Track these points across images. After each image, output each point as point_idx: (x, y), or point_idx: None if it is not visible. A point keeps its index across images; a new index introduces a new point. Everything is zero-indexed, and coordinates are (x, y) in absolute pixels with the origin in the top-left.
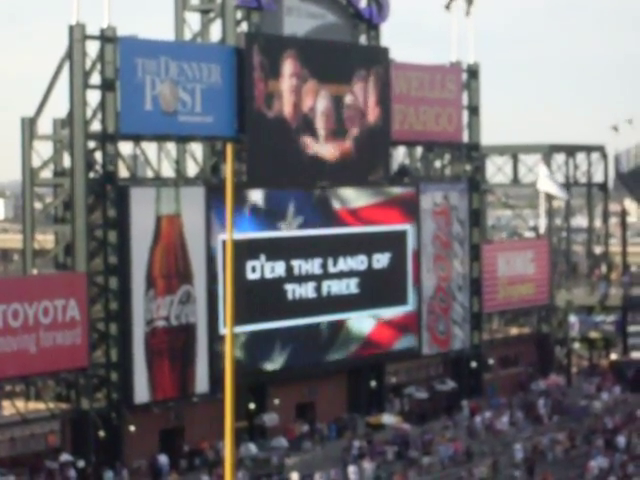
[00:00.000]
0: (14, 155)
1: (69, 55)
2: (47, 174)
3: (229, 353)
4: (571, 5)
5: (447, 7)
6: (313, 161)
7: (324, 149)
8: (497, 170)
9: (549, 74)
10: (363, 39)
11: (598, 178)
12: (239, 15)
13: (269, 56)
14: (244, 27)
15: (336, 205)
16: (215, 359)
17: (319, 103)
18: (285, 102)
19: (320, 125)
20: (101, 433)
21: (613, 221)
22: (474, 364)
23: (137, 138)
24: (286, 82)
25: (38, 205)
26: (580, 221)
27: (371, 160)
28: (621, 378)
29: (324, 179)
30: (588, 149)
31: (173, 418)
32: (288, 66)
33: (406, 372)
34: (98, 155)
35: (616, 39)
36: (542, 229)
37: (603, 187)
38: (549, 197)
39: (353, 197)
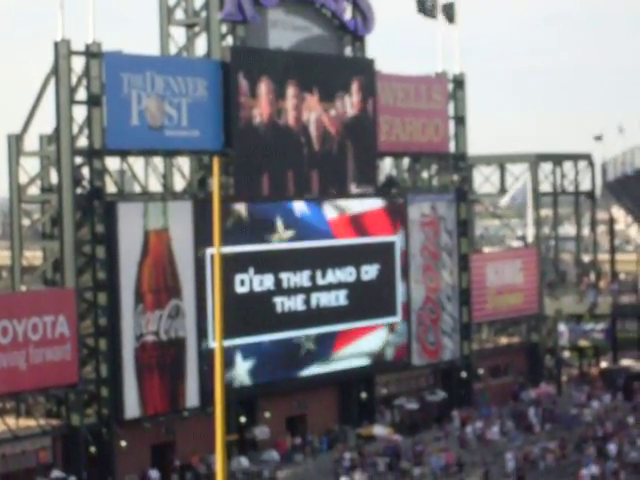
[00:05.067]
0: (1, 172)
1: (54, 71)
2: (34, 190)
3: (219, 367)
4: (556, 15)
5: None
6: (301, 174)
7: (312, 161)
8: (484, 180)
9: (535, 84)
10: (348, 51)
11: (585, 186)
12: (224, 29)
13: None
14: (229, 41)
15: (323, 216)
16: (205, 373)
17: (312, 115)
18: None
19: (312, 136)
20: (92, 449)
21: (601, 229)
22: (464, 374)
23: (124, 153)
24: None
25: (26, 221)
26: (568, 230)
27: (358, 171)
28: (611, 386)
29: (312, 191)
30: (575, 158)
31: (164, 433)
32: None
33: (396, 383)
34: (85, 171)
35: (602, 48)
36: (530, 238)
37: (590, 195)
38: (536, 206)
39: (340, 208)
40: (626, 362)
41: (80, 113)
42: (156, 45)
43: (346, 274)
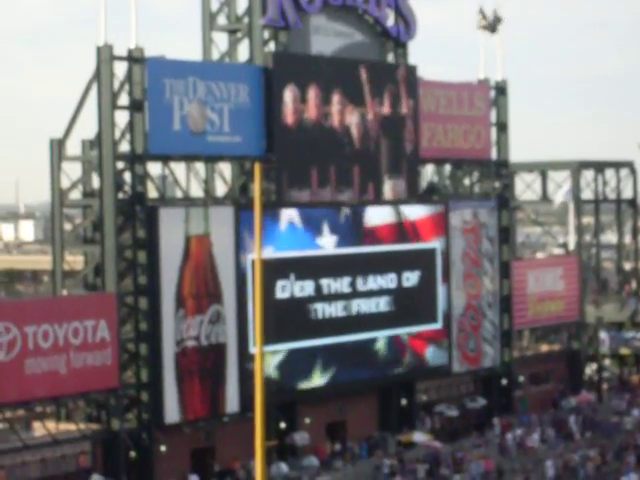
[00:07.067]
0: (43, 177)
1: (97, 76)
2: (76, 195)
3: (259, 372)
4: (599, 22)
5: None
6: (343, 178)
7: (353, 157)
8: (526, 187)
9: (578, 90)
10: (391, 57)
11: (627, 194)
12: (266, 35)
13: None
14: (271, 46)
15: (365, 223)
16: (245, 378)
17: (353, 121)
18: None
19: (353, 137)
20: (132, 453)
21: None
22: (504, 381)
23: (166, 158)
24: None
25: (67, 226)
26: (610, 237)
27: (400, 178)
28: None
29: (353, 183)
30: (617, 165)
31: (204, 438)
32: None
33: (436, 390)
34: (127, 176)
35: None
36: (571, 246)
37: (632, 203)
38: (577, 213)
39: (382, 215)
40: None
41: (122, 118)
42: (198, 51)
43: (387, 281)
